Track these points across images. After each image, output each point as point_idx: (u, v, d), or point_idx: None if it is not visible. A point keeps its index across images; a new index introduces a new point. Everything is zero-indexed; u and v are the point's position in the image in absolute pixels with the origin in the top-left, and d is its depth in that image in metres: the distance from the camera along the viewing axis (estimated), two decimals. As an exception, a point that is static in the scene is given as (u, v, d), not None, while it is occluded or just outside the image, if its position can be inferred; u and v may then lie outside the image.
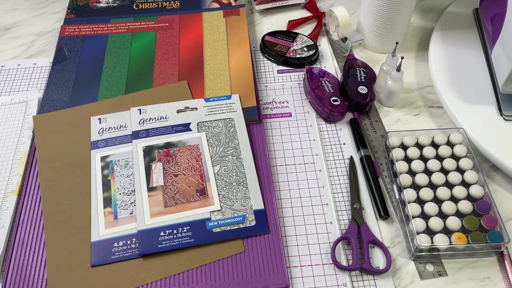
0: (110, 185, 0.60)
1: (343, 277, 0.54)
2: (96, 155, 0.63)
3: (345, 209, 0.60)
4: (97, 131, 0.65)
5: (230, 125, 0.65)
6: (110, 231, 0.57)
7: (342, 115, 0.68)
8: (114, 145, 0.63)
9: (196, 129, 0.65)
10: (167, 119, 0.65)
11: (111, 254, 0.55)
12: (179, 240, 0.55)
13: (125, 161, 0.62)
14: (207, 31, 0.78)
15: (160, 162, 0.61)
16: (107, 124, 0.65)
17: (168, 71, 0.73)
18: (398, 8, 0.70)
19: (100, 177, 0.61)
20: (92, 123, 0.65)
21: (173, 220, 0.57)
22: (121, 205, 0.59)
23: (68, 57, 0.75)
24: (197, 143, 0.63)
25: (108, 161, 0.62)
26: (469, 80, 0.69)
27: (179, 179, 0.60)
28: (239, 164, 0.61)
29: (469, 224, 0.55)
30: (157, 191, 0.59)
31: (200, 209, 0.58)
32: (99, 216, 0.58)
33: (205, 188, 0.60)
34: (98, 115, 0.66)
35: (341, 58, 0.78)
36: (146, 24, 0.80)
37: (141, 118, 0.65)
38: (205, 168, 0.61)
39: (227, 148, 0.63)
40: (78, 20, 0.81)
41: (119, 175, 0.61)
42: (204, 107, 0.67)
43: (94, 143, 0.64)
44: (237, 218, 0.57)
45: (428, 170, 0.60)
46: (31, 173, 0.62)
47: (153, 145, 0.63)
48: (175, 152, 0.62)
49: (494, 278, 0.54)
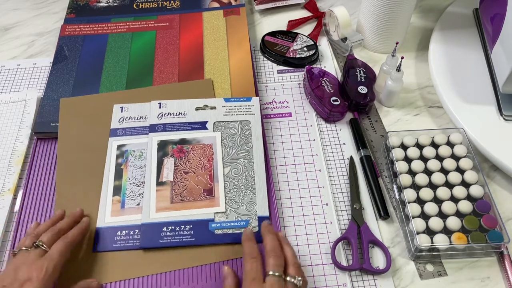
0: (122, 174, 0.61)
1: (343, 277, 0.54)
2: (113, 142, 0.63)
3: (345, 209, 0.60)
4: (118, 119, 0.65)
5: (246, 128, 0.64)
6: (116, 219, 0.57)
7: (342, 115, 0.68)
8: (132, 135, 0.64)
9: (212, 128, 0.65)
10: (185, 116, 0.65)
11: (113, 242, 0.56)
12: (180, 238, 0.56)
13: (140, 152, 0.63)
14: (207, 31, 0.78)
15: (173, 158, 0.62)
16: (128, 113, 0.66)
17: (168, 71, 0.73)
18: (398, 8, 0.70)
19: (114, 165, 0.62)
20: (114, 111, 0.66)
21: (177, 217, 0.57)
22: (129, 195, 0.59)
23: (69, 57, 0.75)
24: (211, 142, 0.63)
25: (124, 150, 0.63)
26: (469, 80, 0.69)
27: (188, 177, 0.60)
28: (250, 168, 0.61)
29: (469, 224, 0.55)
30: (166, 186, 0.60)
31: (205, 209, 0.58)
32: (107, 203, 0.59)
33: (212, 189, 0.60)
34: (121, 104, 0.67)
35: (341, 58, 0.77)
36: (146, 23, 0.80)
37: (160, 112, 0.65)
38: (216, 169, 0.61)
39: (240, 151, 0.63)
40: (78, 19, 0.81)
41: (132, 165, 0.62)
42: (223, 107, 0.66)
43: (113, 131, 0.64)
44: (240, 223, 0.57)
45: (428, 170, 0.60)
46: (30, 172, 0.62)
47: (168, 140, 0.63)
48: (188, 149, 0.63)
49: (494, 278, 0.54)
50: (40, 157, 0.64)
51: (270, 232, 0.53)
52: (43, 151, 0.65)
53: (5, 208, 0.59)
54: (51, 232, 0.51)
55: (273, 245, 0.50)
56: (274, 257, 0.49)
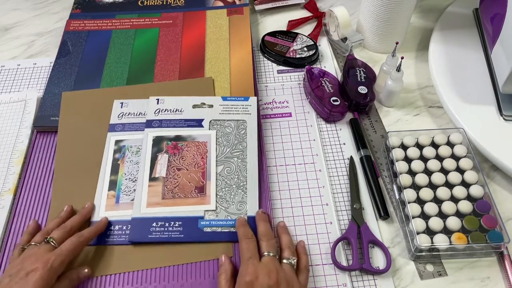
0: (119, 169, 0.61)
1: (343, 277, 0.54)
2: (111, 137, 0.64)
3: (345, 209, 0.60)
4: (117, 115, 0.66)
5: (242, 127, 0.64)
6: (110, 214, 0.58)
7: (342, 115, 0.68)
8: (130, 131, 0.64)
9: (208, 126, 0.65)
10: (182, 113, 0.65)
11: (105, 236, 0.56)
12: (169, 234, 0.56)
13: (137, 148, 0.63)
14: (210, 29, 0.79)
15: (167, 154, 0.62)
16: (128, 109, 0.66)
17: (169, 68, 0.73)
18: (398, 8, 0.70)
19: (111, 159, 0.62)
20: (114, 106, 0.66)
21: (168, 213, 0.57)
22: (124, 190, 0.59)
23: (72, 52, 0.76)
24: (206, 140, 0.63)
25: (122, 145, 0.63)
26: (469, 80, 0.69)
27: (181, 173, 0.60)
28: (242, 167, 0.61)
29: (469, 224, 0.55)
30: (158, 181, 0.60)
31: (196, 206, 0.58)
32: (102, 198, 0.59)
33: (204, 186, 0.60)
34: (121, 99, 0.67)
35: (341, 58, 0.77)
36: (150, 20, 0.81)
37: (157, 108, 0.66)
38: (208, 166, 0.61)
39: (234, 150, 0.63)
40: (83, 15, 0.82)
41: (128, 161, 0.62)
42: (220, 106, 0.67)
43: (112, 126, 0.65)
44: (229, 222, 0.57)
45: (428, 170, 0.60)
46: (28, 172, 0.62)
47: (163, 136, 0.63)
48: (183, 146, 0.63)
49: (494, 278, 0.54)
50: (39, 151, 0.64)
51: (263, 219, 0.55)
52: (42, 144, 0.65)
53: (5, 208, 0.59)
54: (63, 229, 0.53)
55: (265, 230, 0.53)
56: (266, 240, 0.52)
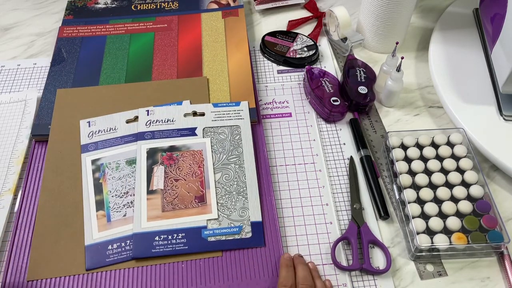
0: (102, 188, 0.60)
1: (343, 277, 0.54)
2: (86, 158, 0.62)
3: (345, 209, 0.60)
4: (87, 134, 0.64)
5: (236, 133, 0.64)
6: (104, 233, 0.56)
7: (342, 115, 0.68)
8: (104, 148, 0.63)
9: (202, 134, 0.64)
10: (174, 122, 0.65)
11: (105, 257, 0.55)
12: (173, 247, 0.55)
13: (116, 163, 0.61)
14: (206, 32, 0.78)
15: (163, 166, 0.61)
16: (97, 127, 0.64)
17: (167, 72, 0.73)
18: (398, 8, 0.70)
19: (91, 180, 0.60)
20: (82, 126, 0.65)
21: (169, 226, 0.56)
22: (114, 208, 0.58)
23: (66, 59, 0.75)
24: (201, 149, 0.63)
25: (99, 164, 0.62)
26: (469, 80, 0.69)
27: (179, 184, 0.60)
28: (241, 173, 0.61)
29: (469, 224, 0.55)
30: (157, 194, 0.59)
31: (197, 216, 0.57)
32: (92, 220, 0.57)
33: (204, 195, 0.59)
34: (88, 118, 0.65)
35: (341, 58, 0.77)
36: (144, 25, 0.80)
37: (148, 119, 0.65)
38: (206, 175, 0.60)
39: (230, 156, 0.62)
40: (76, 21, 0.81)
41: (110, 178, 0.60)
42: (211, 112, 0.66)
43: (84, 147, 0.63)
44: (233, 229, 0.56)
45: (428, 170, 0.60)
46: (28, 175, 0.62)
47: (157, 148, 0.62)
48: (178, 156, 0.62)
49: (494, 278, 0.54)
50: (38, 160, 0.63)
51: (301, 262, 0.54)
52: (41, 154, 0.64)
53: (5, 208, 0.59)
54: None
55: (304, 275, 0.52)
56: (305, 286, 0.51)
